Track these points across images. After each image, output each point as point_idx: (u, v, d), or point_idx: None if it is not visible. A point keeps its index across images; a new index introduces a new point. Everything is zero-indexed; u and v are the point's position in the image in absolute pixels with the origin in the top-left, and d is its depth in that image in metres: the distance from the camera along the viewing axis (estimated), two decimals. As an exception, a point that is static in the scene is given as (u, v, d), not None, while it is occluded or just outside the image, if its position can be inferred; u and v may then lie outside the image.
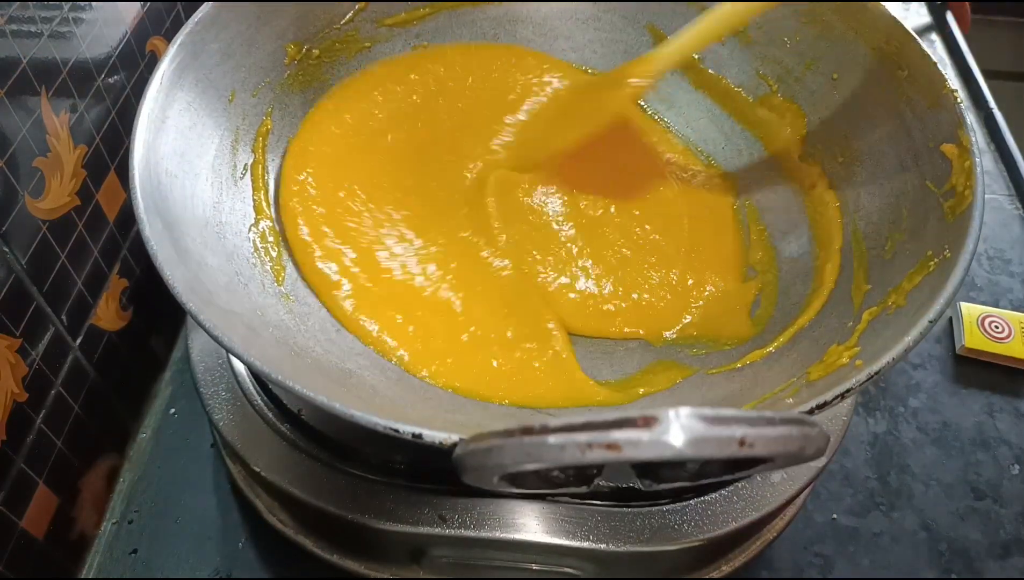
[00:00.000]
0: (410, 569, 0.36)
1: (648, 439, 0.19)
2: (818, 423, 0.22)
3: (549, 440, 0.20)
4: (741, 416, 0.20)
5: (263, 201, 0.40)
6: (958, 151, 0.33)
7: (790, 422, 0.21)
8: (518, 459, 0.21)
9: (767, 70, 0.45)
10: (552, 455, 0.20)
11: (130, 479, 0.44)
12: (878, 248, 0.36)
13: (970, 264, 0.29)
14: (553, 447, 0.20)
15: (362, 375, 0.35)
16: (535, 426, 0.21)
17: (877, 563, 0.41)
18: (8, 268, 0.35)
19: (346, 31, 0.46)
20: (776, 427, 0.20)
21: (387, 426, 0.24)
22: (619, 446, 0.19)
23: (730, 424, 0.20)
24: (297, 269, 0.39)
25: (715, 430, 0.20)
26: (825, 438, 0.22)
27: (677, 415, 0.20)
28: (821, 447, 0.21)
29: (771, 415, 0.21)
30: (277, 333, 0.33)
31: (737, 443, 0.20)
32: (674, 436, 0.19)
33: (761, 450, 0.20)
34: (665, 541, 0.33)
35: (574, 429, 0.20)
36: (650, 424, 0.19)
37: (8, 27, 0.34)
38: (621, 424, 0.20)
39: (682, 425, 0.19)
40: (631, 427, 0.20)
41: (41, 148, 0.37)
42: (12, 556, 0.35)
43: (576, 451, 0.20)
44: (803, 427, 0.21)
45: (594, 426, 0.20)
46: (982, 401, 0.48)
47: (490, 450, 0.21)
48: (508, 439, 0.21)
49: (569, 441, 0.20)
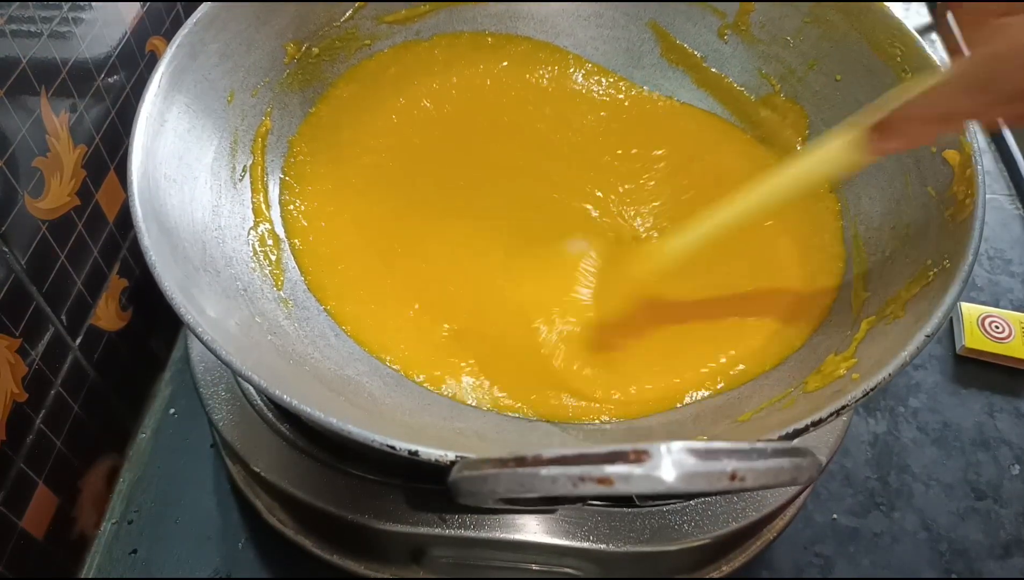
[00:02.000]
0: (410, 569, 0.36)
1: (640, 474, 0.20)
2: (811, 451, 0.22)
3: (541, 472, 0.20)
4: (733, 449, 0.20)
5: (262, 203, 0.40)
6: (960, 158, 0.33)
7: (782, 454, 0.21)
8: (511, 488, 0.21)
9: (770, 70, 0.45)
10: (544, 486, 0.20)
11: (130, 479, 0.44)
12: (878, 253, 0.36)
13: (969, 276, 0.29)
14: (545, 479, 0.20)
15: (361, 382, 0.35)
16: (528, 457, 0.21)
17: (877, 563, 0.41)
18: (8, 268, 0.35)
19: (346, 29, 0.46)
20: (767, 460, 0.20)
21: (384, 443, 0.24)
22: (611, 480, 0.20)
23: (720, 458, 0.20)
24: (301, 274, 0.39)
25: (706, 465, 0.20)
26: (817, 466, 0.22)
27: (669, 450, 0.20)
28: (812, 476, 0.21)
29: (763, 446, 0.21)
30: (276, 340, 0.33)
31: (728, 478, 0.20)
32: (665, 471, 0.19)
33: (751, 483, 0.20)
34: (665, 541, 0.33)
35: (567, 462, 0.20)
36: (641, 459, 0.20)
37: (8, 27, 0.33)
38: (613, 458, 0.20)
39: (673, 460, 0.20)
40: (623, 462, 0.20)
41: (41, 148, 0.37)
42: (12, 556, 0.35)
43: (568, 484, 0.20)
44: (794, 458, 0.21)
45: (587, 459, 0.20)
46: (982, 401, 0.48)
47: (484, 478, 0.22)
48: (502, 469, 0.21)
49: (561, 474, 0.20)
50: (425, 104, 0.48)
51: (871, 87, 0.39)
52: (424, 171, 0.45)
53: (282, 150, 0.43)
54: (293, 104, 0.44)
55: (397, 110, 0.47)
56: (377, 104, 0.47)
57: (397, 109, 0.47)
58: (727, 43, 0.47)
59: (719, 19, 0.46)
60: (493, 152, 0.47)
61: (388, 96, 0.47)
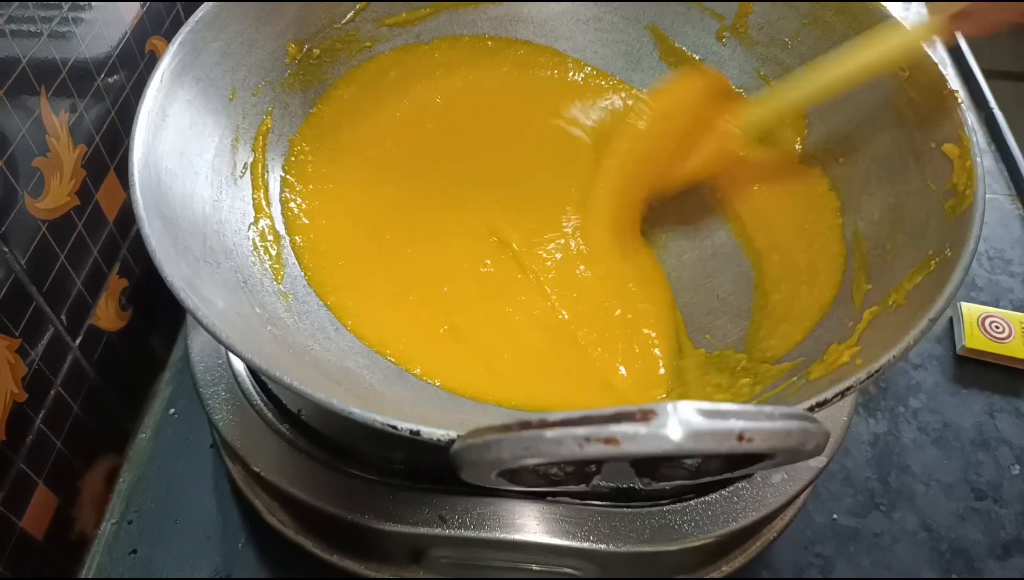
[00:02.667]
0: (410, 569, 0.36)
1: (646, 433, 0.19)
2: (818, 419, 0.21)
3: (546, 434, 0.20)
4: (740, 410, 0.20)
5: (263, 200, 0.40)
6: (959, 151, 0.33)
7: (790, 417, 0.21)
8: (515, 454, 0.21)
9: (768, 71, 0.45)
10: (550, 450, 0.20)
11: (130, 479, 0.44)
12: (879, 248, 0.36)
13: (971, 264, 0.29)
14: (550, 441, 0.20)
15: (361, 374, 0.35)
16: (532, 421, 0.21)
17: (877, 563, 0.41)
18: (8, 268, 0.35)
19: (347, 30, 0.46)
20: (775, 421, 0.20)
21: (385, 422, 0.24)
22: (617, 440, 0.19)
23: (728, 418, 0.20)
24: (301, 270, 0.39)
25: (713, 424, 0.19)
26: (825, 434, 0.21)
27: (675, 409, 0.19)
28: (821, 443, 0.21)
29: (770, 410, 0.21)
30: (276, 331, 0.33)
31: (736, 437, 0.20)
32: (672, 430, 0.19)
33: (760, 444, 0.20)
34: (665, 541, 0.33)
35: (572, 423, 0.20)
36: (648, 418, 0.19)
37: (8, 27, 0.34)
38: (619, 418, 0.20)
39: (680, 419, 0.19)
40: (629, 421, 0.19)
41: (41, 148, 0.37)
42: (12, 556, 0.35)
43: (574, 445, 0.20)
44: (803, 422, 0.21)
45: (592, 420, 0.20)
46: (982, 401, 0.48)
47: (488, 445, 0.21)
48: (505, 434, 0.21)
49: (566, 435, 0.20)
50: (425, 106, 0.48)
51: (869, 87, 0.39)
52: (424, 172, 0.45)
53: (283, 149, 0.43)
54: (294, 104, 0.44)
55: (397, 112, 0.47)
56: (378, 106, 0.47)
57: (397, 111, 0.47)
58: (725, 45, 0.47)
59: (717, 21, 0.46)
60: (492, 153, 0.47)
61: (388, 98, 0.47)
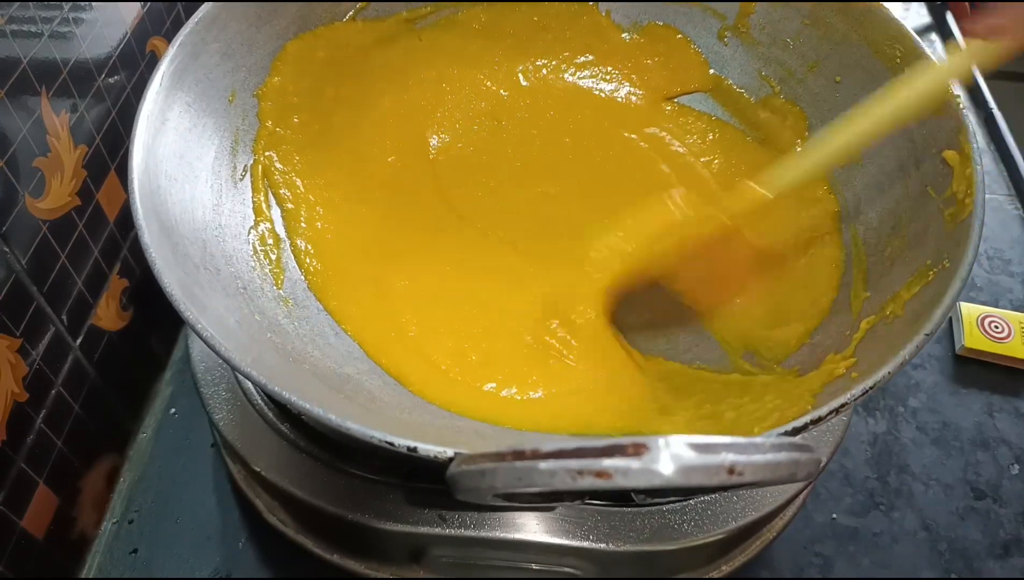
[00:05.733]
0: (410, 569, 0.36)
1: (638, 468, 0.20)
2: (810, 446, 0.22)
3: (540, 466, 0.20)
4: (731, 443, 0.20)
5: (263, 203, 0.40)
6: (960, 158, 0.33)
7: (780, 448, 0.21)
8: (509, 483, 0.21)
9: (769, 71, 0.45)
10: (543, 480, 0.20)
11: (130, 479, 0.44)
12: (878, 254, 0.36)
13: (968, 276, 0.29)
14: (544, 473, 0.20)
15: (360, 380, 0.35)
16: (526, 450, 0.21)
17: (877, 563, 0.41)
18: (8, 268, 0.35)
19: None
20: (765, 454, 0.20)
21: (382, 439, 0.24)
22: (609, 474, 0.20)
23: (719, 452, 0.20)
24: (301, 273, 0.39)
25: (704, 459, 0.20)
26: (816, 462, 0.22)
27: (667, 443, 0.20)
28: (812, 471, 0.21)
29: (760, 441, 0.21)
30: (275, 338, 0.33)
31: (726, 471, 0.20)
32: (664, 465, 0.19)
33: (750, 478, 0.20)
34: (665, 541, 0.33)
35: (565, 455, 0.20)
36: (640, 452, 0.20)
37: (8, 27, 0.34)
38: (611, 452, 0.20)
39: (672, 454, 0.20)
40: (621, 455, 0.20)
41: (41, 148, 0.37)
42: (12, 556, 0.35)
43: (566, 477, 0.20)
44: (792, 453, 0.21)
45: (585, 452, 0.20)
46: (982, 401, 0.48)
47: (482, 473, 0.22)
48: (500, 463, 0.21)
49: (560, 467, 0.20)
50: (425, 106, 0.48)
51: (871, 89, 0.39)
52: (424, 173, 0.45)
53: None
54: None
55: (397, 112, 0.47)
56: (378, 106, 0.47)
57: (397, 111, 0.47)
58: (727, 45, 0.47)
59: (719, 21, 0.46)
60: (492, 154, 0.47)
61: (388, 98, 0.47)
